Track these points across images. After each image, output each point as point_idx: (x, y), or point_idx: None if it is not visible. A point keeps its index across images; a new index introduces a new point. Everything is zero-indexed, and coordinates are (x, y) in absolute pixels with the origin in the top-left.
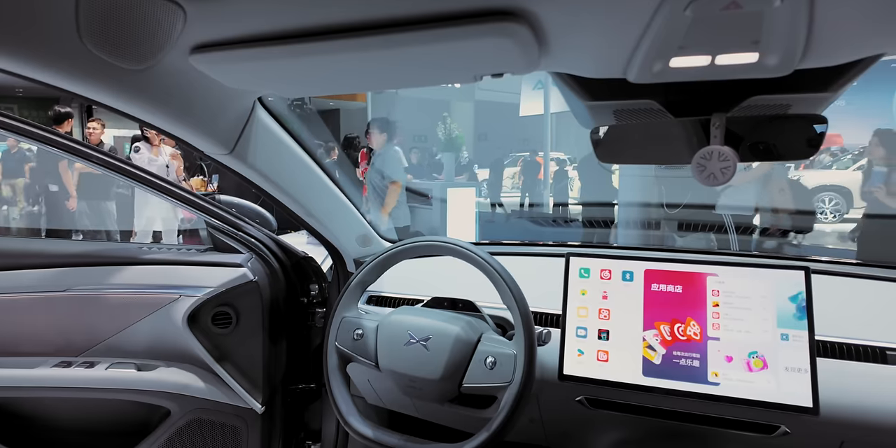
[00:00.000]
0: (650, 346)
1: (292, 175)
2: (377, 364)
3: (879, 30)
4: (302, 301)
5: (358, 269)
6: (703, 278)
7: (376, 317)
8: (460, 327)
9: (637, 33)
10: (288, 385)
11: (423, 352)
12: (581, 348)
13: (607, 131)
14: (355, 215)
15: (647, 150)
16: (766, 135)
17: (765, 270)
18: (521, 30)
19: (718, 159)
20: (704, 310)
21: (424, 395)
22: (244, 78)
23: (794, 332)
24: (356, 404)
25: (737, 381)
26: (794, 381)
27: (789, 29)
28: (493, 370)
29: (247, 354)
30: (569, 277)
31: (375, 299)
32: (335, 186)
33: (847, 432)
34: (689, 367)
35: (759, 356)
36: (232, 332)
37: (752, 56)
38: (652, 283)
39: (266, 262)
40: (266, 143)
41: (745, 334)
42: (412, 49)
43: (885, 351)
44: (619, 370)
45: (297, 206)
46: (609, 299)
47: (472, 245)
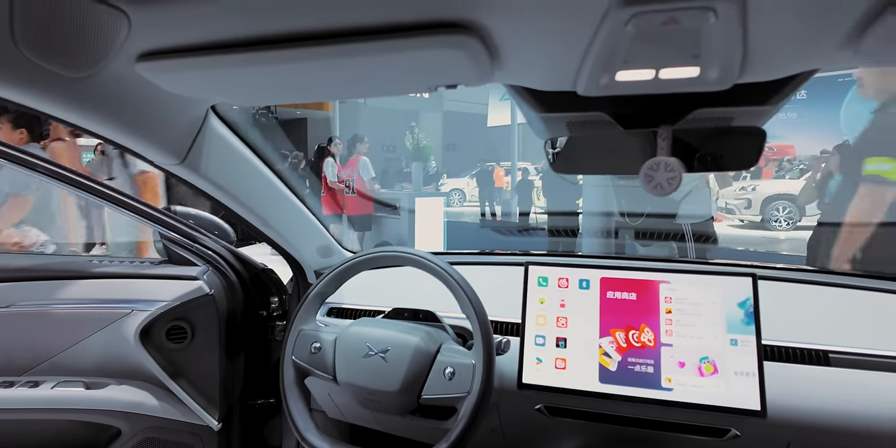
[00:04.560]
0: (606, 353)
1: (248, 185)
2: (335, 377)
3: (810, 47)
4: (261, 314)
5: (316, 281)
6: (656, 286)
7: (335, 329)
8: (419, 338)
9: (582, 47)
10: (246, 401)
11: (382, 364)
12: (539, 356)
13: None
14: (315, 226)
15: (598, 160)
16: (711, 146)
17: (714, 277)
18: (472, 42)
19: (665, 170)
20: (658, 316)
21: (384, 407)
22: (194, 86)
23: (743, 338)
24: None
25: (689, 387)
26: (743, 385)
27: (726, 44)
28: (452, 381)
29: (203, 370)
30: (527, 286)
31: (336, 311)
32: (294, 197)
33: (793, 434)
34: (643, 374)
35: (709, 361)
36: (187, 347)
37: (694, 70)
38: (607, 291)
39: (223, 275)
40: (220, 153)
41: (697, 340)
42: (365, 59)
43: (828, 354)
44: (576, 378)
45: (253, 217)
46: (566, 307)
47: (431, 255)
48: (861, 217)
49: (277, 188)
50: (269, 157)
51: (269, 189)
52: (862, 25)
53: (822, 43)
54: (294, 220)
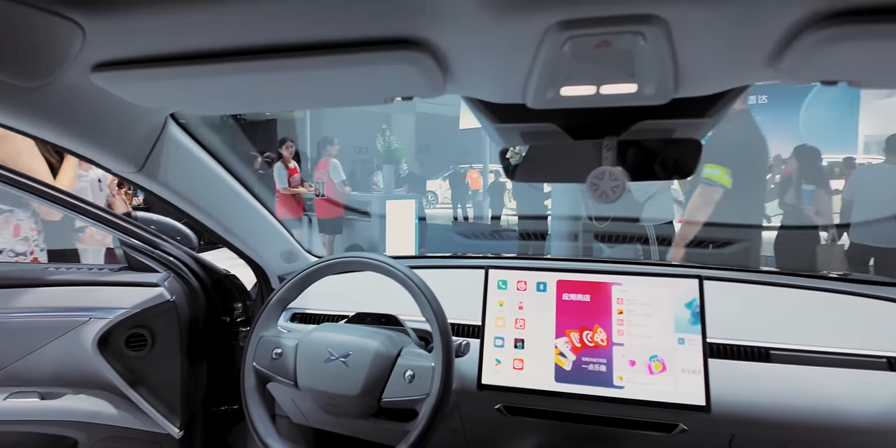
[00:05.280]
0: (561, 353)
1: (209, 192)
2: (296, 383)
3: (736, 66)
4: (224, 320)
5: (277, 287)
6: (608, 288)
7: (297, 335)
8: (380, 342)
9: (526, 65)
10: (209, 407)
11: (343, 368)
12: (498, 358)
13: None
14: (279, 231)
15: (550, 169)
16: (652, 156)
17: (663, 279)
18: (423, 58)
19: (609, 179)
20: (610, 317)
21: (345, 412)
22: (150, 96)
23: (690, 336)
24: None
25: (639, 384)
26: (690, 382)
27: (658, 64)
28: (412, 383)
29: (163, 377)
30: (487, 289)
31: (300, 317)
32: (257, 202)
33: (736, 427)
34: (596, 372)
35: (658, 359)
36: (147, 355)
37: (632, 87)
38: (563, 293)
39: (185, 281)
40: (179, 160)
41: (647, 339)
42: (320, 72)
43: (769, 350)
44: (533, 377)
45: (215, 224)
46: (525, 309)
47: (391, 260)
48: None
49: (239, 194)
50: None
51: (230, 195)
52: (780, 47)
53: (747, 62)
54: (256, 226)
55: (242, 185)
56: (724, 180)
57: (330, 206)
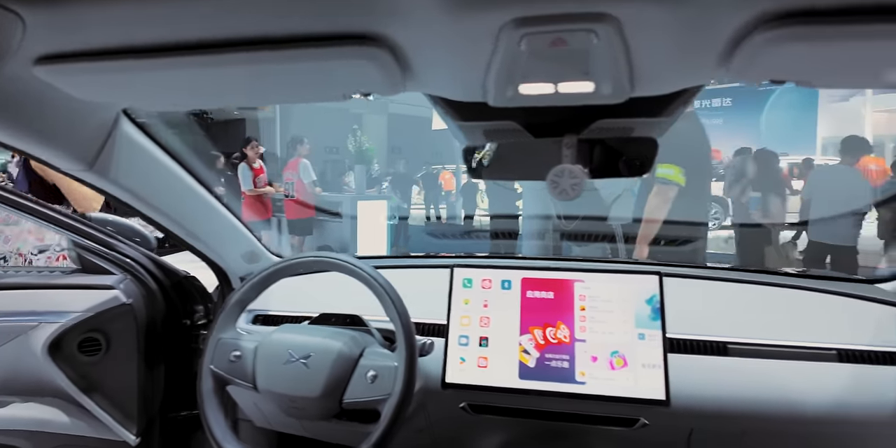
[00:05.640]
0: (525, 350)
1: (166, 192)
2: (255, 386)
3: (689, 65)
4: (185, 323)
5: (237, 288)
6: (571, 285)
7: (256, 337)
8: (342, 343)
9: (484, 62)
10: (168, 413)
11: (303, 370)
12: (463, 356)
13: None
14: (240, 231)
15: (511, 167)
16: (610, 155)
17: (624, 276)
18: (381, 54)
19: (569, 177)
20: (573, 314)
21: (306, 414)
22: (98, 91)
23: (650, 332)
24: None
25: (601, 380)
26: (650, 377)
27: (612, 63)
28: (374, 384)
29: (119, 383)
30: (453, 288)
31: (262, 319)
32: (217, 202)
33: (695, 421)
34: (559, 369)
35: (620, 355)
36: (102, 360)
37: (589, 85)
38: (528, 291)
39: (142, 283)
40: (133, 158)
41: (608, 335)
42: (276, 67)
43: (727, 344)
44: (497, 375)
45: (172, 224)
46: (489, 307)
47: (354, 259)
48: (655, 209)
49: (198, 194)
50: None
51: (188, 195)
52: (730, 47)
53: (699, 62)
54: (216, 226)
55: (202, 185)
56: (679, 179)
57: (300, 206)
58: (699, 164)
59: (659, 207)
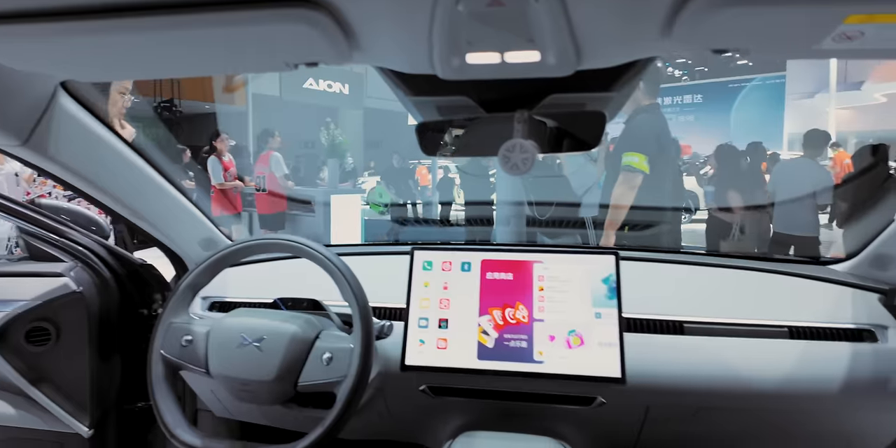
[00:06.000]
0: (484, 330)
1: (112, 172)
2: (208, 370)
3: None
4: (142, 313)
5: (189, 272)
6: (530, 266)
7: (208, 321)
8: (297, 326)
9: (426, 28)
10: (124, 404)
11: (256, 353)
12: (422, 338)
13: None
14: (196, 217)
15: (465, 143)
16: (560, 130)
17: (582, 256)
18: (322, 18)
19: (520, 151)
20: (531, 294)
21: (259, 398)
22: (25, 58)
23: (606, 311)
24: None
25: (558, 358)
26: (606, 355)
27: (553, 28)
28: (330, 366)
29: (70, 373)
30: (413, 270)
31: (219, 305)
32: (171, 186)
33: (651, 398)
34: (518, 349)
35: (577, 334)
36: (51, 350)
37: (534, 55)
38: (487, 272)
39: (94, 271)
40: (73, 136)
41: (566, 315)
42: (213, 31)
43: (682, 323)
44: (456, 356)
45: (121, 207)
46: (449, 289)
47: (310, 241)
48: (621, 196)
49: (148, 176)
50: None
51: (137, 176)
52: (671, 14)
53: (642, 31)
54: (170, 211)
55: (153, 167)
56: (643, 166)
57: (271, 200)
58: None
59: (624, 194)
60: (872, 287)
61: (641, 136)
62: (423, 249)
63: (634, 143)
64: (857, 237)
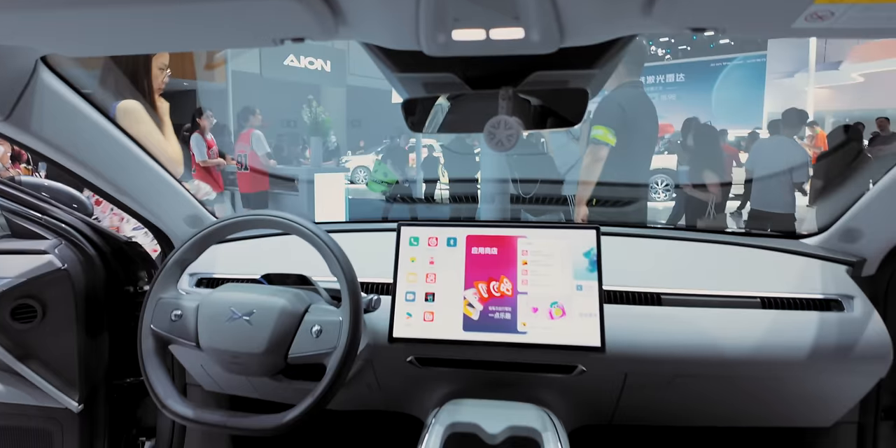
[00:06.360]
0: (470, 303)
1: (96, 148)
2: (198, 344)
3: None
4: (128, 290)
5: (176, 248)
6: (514, 241)
7: (197, 297)
8: (286, 299)
9: (412, 3)
10: (112, 380)
11: (246, 327)
12: (409, 311)
13: (417, 102)
14: (181, 194)
15: (451, 120)
16: (544, 106)
17: (564, 231)
18: None
19: (504, 128)
20: (515, 268)
21: (249, 370)
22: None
23: (587, 283)
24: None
25: (541, 329)
26: (587, 325)
27: (537, 5)
28: (319, 338)
29: (57, 350)
30: (399, 246)
31: (206, 282)
32: (155, 163)
33: (629, 365)
34: (502, 320)
35: (559, 305)
36: (38, 327)
37: (519, 32)
38: (472, 247)
39: (78, 248)
40: (55, 111)
41: (548, 287)
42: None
43: (660, 295)
44: (442, 328)
45: (105, 183)
46: (435, 264)
47: (296, 217)
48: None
49: (132, 152)
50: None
51: (121, 153)
52: None
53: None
54: (155, 188)
55: (136, 144)
56: (608, 139)
57: (254, 179)
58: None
59: (589, 167)
60: (841, 259)
61: (608, 109)
62: (410, 225)
63: (600, 116)
64: (829, 213)
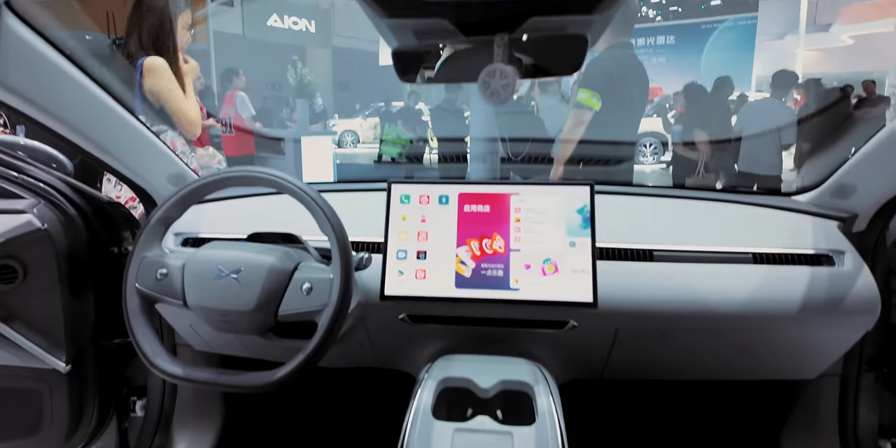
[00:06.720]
0: (462, 261)
1: (72, 102)
2: (185, 302)
3: None
4: (112, 250)
5: (159, 205)
6: (507, 198)
7: (183, 255)
8: (275, 257)
9: None
10: (100, 341)
11: (234, 285)
12: (401, 269)
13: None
14: (163, 151)
15: (444, 70)
16: (541, 54)
17: (558, 188)
18: None
19: (500, 77)
20: (508, 225)
21: (239, 328)
22: None
23: (580, 240)
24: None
25: (533, 285)
26: (579, 281)
27: None
28: (310, 296)
29: (41, 311)
30: (390, 204)
31: (192, 241)
32: (133, 119)
33: (621, 320)
34: (494, 277)
35: (551, 262)
36: (19, 288)
37: None
38: (465, 205)
39: (58, 208)
40: (24, 62)
41: (541, 244)
42: None
43: (652, 251)
44: (434, 285)
45: (83, 140)
46: (427, 222)
47: (283, 173)
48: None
49: (111, 108)
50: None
51: (100, 108)
52: None
53: None
54: (135, 145)
55: (115, 100)
56: (592, 103)
57: (238, 142)
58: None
59: (573, 129)
60: (832, 215)
61: (595, 72)
62: (401, 183)
63: (587, 78)
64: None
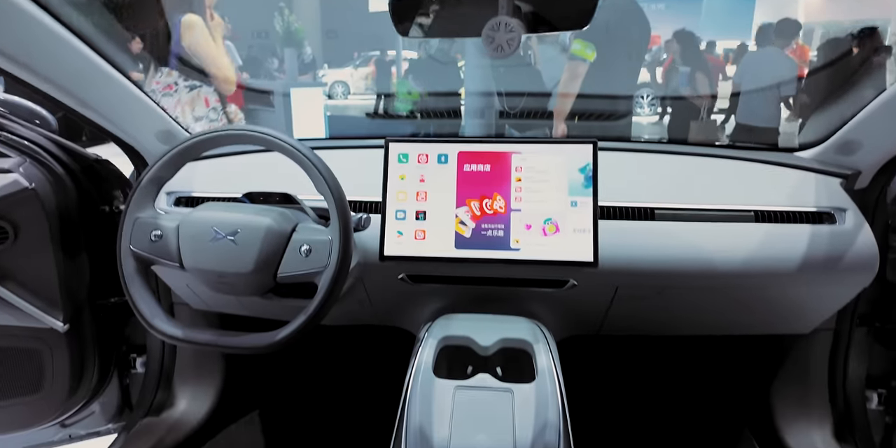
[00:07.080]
0: (462, 221)
1: (54, 57)
2: (182, 264)
3: None
4: (103, 209)
5: (150, 165)
6: (508, 157)
7: (177, 216)
8: (272, 218)
9: None
10: (97, 300)
11: (232, 247)
12: (400, 230)
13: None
14: (151, 108)
15: (444, 23)
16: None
17: (560, 146)
18: None
19: (505, 30)
20: (509, 185)
21: (238, 289)
22: None
23: (582, 199)
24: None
25: (534, 245)
26: (580, 241)
27: None
28: (309, 257)
29: (35, 271)
30: (388, 163)
31: (185, 201)
32: (120, 75)
33: (621, 279)
34: (495, 238)
35: (552, 222)
36: (11, 248)
37: None
38: (464, 164)
39: (45, 167)
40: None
41: (542, 204)
42: None
43: (654, 210)
44: (434, 246)
45: (67, 97)
46: (426, 182)
47: (276, 132)
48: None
49: (94, 63)
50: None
51: (83, 63)
52: None
53: None
54: (122, 101)
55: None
56: (586, 54)
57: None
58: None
59: (569, 82)
60: (835, 172)
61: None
62: (399, 141)
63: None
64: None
